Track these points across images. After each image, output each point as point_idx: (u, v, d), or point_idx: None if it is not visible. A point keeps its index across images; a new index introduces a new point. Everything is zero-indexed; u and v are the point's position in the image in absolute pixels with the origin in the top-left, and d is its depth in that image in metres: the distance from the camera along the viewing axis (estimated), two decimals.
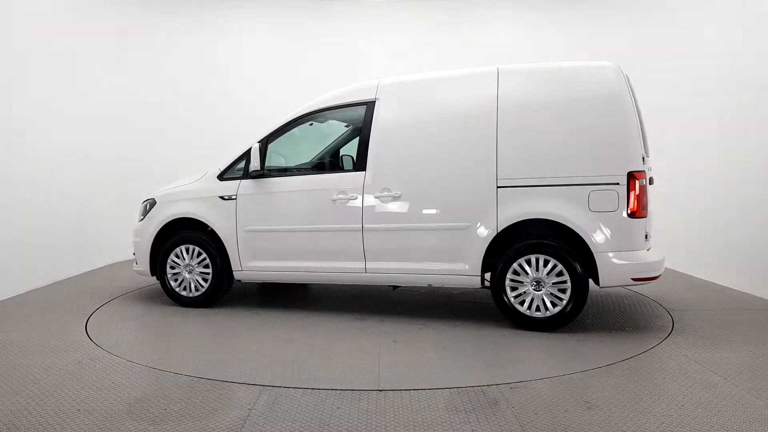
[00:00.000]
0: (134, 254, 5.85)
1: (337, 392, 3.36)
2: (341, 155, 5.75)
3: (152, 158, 8.37)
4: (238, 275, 5.41)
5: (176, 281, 5.57)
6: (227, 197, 5.36)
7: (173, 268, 5.56)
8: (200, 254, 5.46)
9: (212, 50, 8.75)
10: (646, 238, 4.45)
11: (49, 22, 6.95)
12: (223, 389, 3.43)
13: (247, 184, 5.32)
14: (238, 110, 8.55)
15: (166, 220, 5.59)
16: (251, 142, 5.28)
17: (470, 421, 2.96)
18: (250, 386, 3.47)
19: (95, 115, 7.85)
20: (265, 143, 5.27)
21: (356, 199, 4.92)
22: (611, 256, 4.34)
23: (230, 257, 5.36)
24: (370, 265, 4.94)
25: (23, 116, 6.44)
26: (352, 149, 5.32)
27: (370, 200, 4.89)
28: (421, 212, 4.79)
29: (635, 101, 4.58)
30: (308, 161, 5.82)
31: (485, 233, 4.59)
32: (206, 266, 5.44)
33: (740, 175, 6.23)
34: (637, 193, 4.28)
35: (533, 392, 3.32)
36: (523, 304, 4.53)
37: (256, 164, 5.15)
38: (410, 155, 4.86)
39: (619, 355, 3.96)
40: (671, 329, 4.58)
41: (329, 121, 5.55)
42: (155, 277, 5.71)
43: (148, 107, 8.52)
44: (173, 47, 8.68)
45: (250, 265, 5.33)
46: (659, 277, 4.49)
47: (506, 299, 4.57)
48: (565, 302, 4.43)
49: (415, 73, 5.21)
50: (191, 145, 8.42)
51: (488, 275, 4.70)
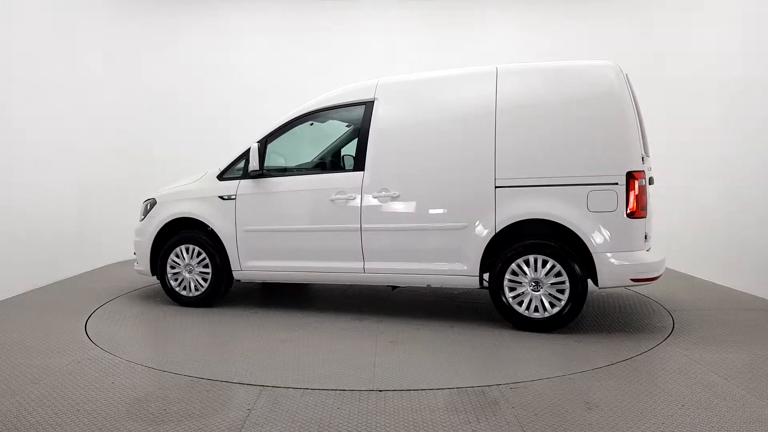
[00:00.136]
0: (135, 254, 5.87)
1: (337, 392, 3.36)
2: (340, 155, 5.75)
3: (152, 158, 8.39)
4: (237, 275, 5.42)
5: (176, 281, 5.58)
6: (227, 197, 5.36)
7: (173, 267, 5.57)
8: (200, 254, 5.47)
9: (212, 50, 8.75)
10: (645, 238, 4.42)
11: (49, 22, 6.95)
12: (223, 389, 3.43)
13: (246, 184, 5.32)
14: (238, 110, 8.56)
15: (166, 219, 5.61)
16: (251, 142, 5.29)
17: (470, 421, 2.95)
18: (249, 386, 3.46)
19: (95, 115, 7.85)
20: (264, 143, 5.27)
21: (355, 199, 4.91)
22: (610, 256, 4.31)
23: (229, 257, 5.37)
24: (368, 265, 4.94)
25: (23, 116, 6.43)
26: (351, 149, 5.32)
27: (368, 200, 4.88)
28: (419, 212, 4.78)
29: (635, 100, 4.55)
30: (307, 161, 5.82)
31: (484, 233, 4.57)
32: (206, 266, 5.45)
33: (740, 175, 6.23)
34: (636, 193, 4.25)
35: (533, 393, 3.32)
36: (521, 304, 4.52)
37: (254, 164, 5.15)
38: (409, 155, 4.85)
39: (619, 355, 3.96)
40: (672, 329, 4.58)
41: (328, 121, 5.54)
42: (156, 276, 5.72)
43: (148, 107, 8.52)
44: (173, 47, 8.68)
45: (249, 264, 5.33)
46: (659, 277, 4.46)
47: (504, 300, 4.56)
48: (563, 303, 4.41)
49: (414, 72, 5.20)
50: (191, 145, 8.42)
51: (487, 275, 4.70)
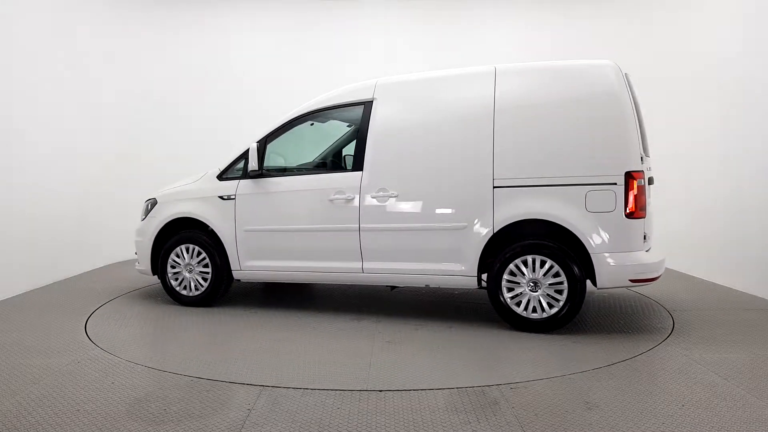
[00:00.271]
0: (136, 253, 5.88)
1: (337, 392, 3.36)
2: (339, 155, 5.74)
3: (152, 158, 8.38)
4: (236, 275, 5.42)
5: (176, 280, 5.58)
6: (226, 197, 5.37)
7: (174, 267, 5.58)
8: (200, 254, 5.47)
9: (213, 50, 8.74)
10: (644, 238, 4.40)
11: (49, 22, 6.94)
12: (223, 389, 3.43)
13: (245, 184, 5.32)
14: (238, 110, 8.55)
15: (166, 219, 5.61)
16: (251, 142, 5.28)
17: (470, 421, 2.95)
18: (249, 386, 3.46)
19: (95, 115, 7.85)
20: (263, 143, 5.27)
21: (353, 199, 4.91)
22: (608, 257, 4.29)
23: (229, 257, 5.37)
24: (367, 265, 4.94)
25: (23, 116, 6.43)
26: (349, 149, 5.32)
27: (367, 200, 4.87)
28: (417, 212, 4.78)
29: (635, 100, 4.53)
30: (306, 161, 5.82)
31: (482, 233, 4.56)
32: (206, 266, 5.46)
33: (740, 174, 6.23)
34: (635, 193, 4.24)
35: (533, 393, 3.32)
36: (519, 305, 4.50)
37: (253, 164, 5.15)
38: (407, 155, 4.84)
39: (619, 355, 3.96)
40: (672, 329, 4.58)
41: (328, 121, 5.55)
42: (156, 276, 5.73)
43: (148, 107, 8.51)
44: (173, 47, 8.67)
45: (248, 264, 5.33)
46: (658, 278, 4.45)
47: (503, 300, 4.55)
48: (561, 303, 4.39)
49: (413, 72, 5.20)
50: (192, 144, 8.41)
51: (485, 276, 4.69)
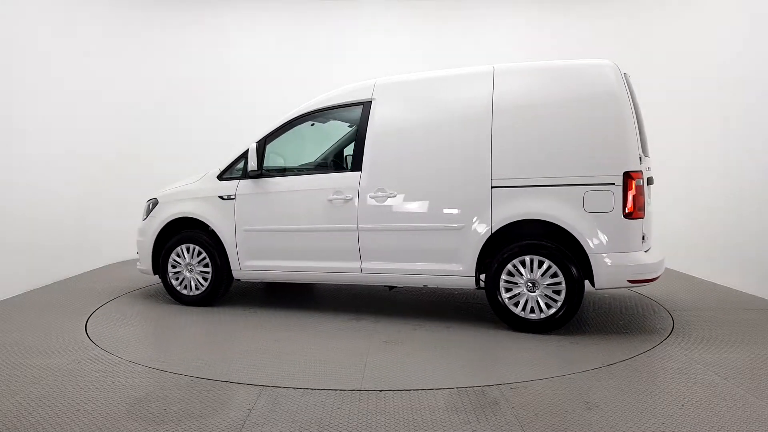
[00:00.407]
0: (138, 253, 5.89)
1: (337, 392, 3.36)
2: (337, 155, 5.74)
3: (152, 158, 8.37)
4: (236, 274, 5.42)
5: (177, 280, 5.60)
6: (226, 197, 5.37)
7: (174, 266, 5.59)
8: (200, 253, 5.49)
9: (213, 50, 8.74)
10: (643, 239, 4.38)
11: (49, 22, 6.94)
12: (223, 389, 3.43)
13: (245, 184, 5.33)
14: (238, 110, 8.54)
15: (167, 219, 5.63)
16: (251, 142, 5.29)
17: (470, 421, 2.96)
18: (250, 386, 3.47)
19: (95, 115, 7.84)
20: (262, 143, 5.28)
21: (352, 199, 4.91)
22: (606, 257, 4.28)
23: (229, 256, 5.38)
24: (365, 265, 4.94)
25: (23, 116, 6.43)
26: (348, 149, 5.32)
27: (365, 200, 4.88)
28: (416, 212, 4.78)
29: (634, 100, 4.51)
30: (305, 161, 5.82)
31: (479, 234, 4.56)
32: (206, 265, 5.47)
33: (740, 174, 6.22)
34: (633, 193, 4.22)
35: (533, 393, 3.32)
36: (517, 305, 4.50)
37: (253, 164, 5.16)
38: (406, 155, 4.84)
39: (619, 355, 3.96)
40: (671, 329, 4.58)
41: (327, 121, 5.55)
42: (158, 275, 5.74)
43: (148, 107, 8.51)
44: (174, 47, 8.67)
45: (248, 264, 5.34)
46: (657, 278, 4.43)
47: (501, 300, 4.54)
48: (559, 304, 4.38)
49: (411, 72, 5.20)
50: (192, 144, 8.41)
51: (484, 276, 4.68)
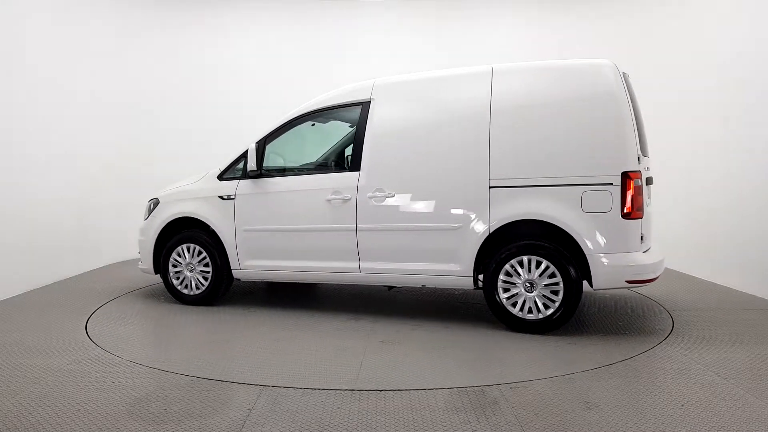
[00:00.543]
0: (139, 252, 5.90)
1: (337, 392, 3.36)
2: (336, 155, 5.74)
3: (152, 158, 8.38)
4: (236, 274, 5.43)
5: (178, 279, 5.61)
6: (226, 197, 5.38)
7: (175, 266, 5.60)
8: (201, 253, 5.50)
9: (213, 50, 8.74)
10: (642, 239, 4.36)
11: (48, 22, 6.94)
12: (223, 389, 3.43)
13: (245, 184, 5.34)
14: (238, 110, 8.55)
15: (168, 219, 5.65)
16: (251, 142, 5.29)
17: (470, 421, 2.96)
18: (250, 386, 3.47)
19: (95, 115, 7.84)
20: (262, 144, 5.29)
21: (350, 199, 4.92)
22: (604, 258, 4.26)
23: (229, 256, 5.39)
24: (364, 265, 4.94)
25: (23, 116, 6.43)
26: (348, 149, 5.32)
27: (364, 200, 4.88)
28: (414, 212, 4.78)
29: (633, 100, 4.50)
30: (305, 161, 5.82)
31: (477, 234, 4.55)
32: (206, 265, 5.48)
33: (741, 174, 6.22)
34: (632, 193, 4.21)
35: (533, 392, 3.32)
36: (515, 305, 4.48)
37: (252, 164, 5.17)
38: (404, 155, 4.84)
39: (619, 355, 3.96)
40: (671, 329, 4.58)
41: (327, 121, 5.55)
42: (159, 275, 5.76)
43: (148, 107, 8.51)
44: (174, 47, 8.68)
45: (247, 264, 5.34)
46: (656, 279, 4.41)
47: (498, 300, 4.53)
48: (557, 305, 4.37)
49: (410, 72, 5.20)
50: (192, 144, 8.42)
51: (482, 276, 4.66)
